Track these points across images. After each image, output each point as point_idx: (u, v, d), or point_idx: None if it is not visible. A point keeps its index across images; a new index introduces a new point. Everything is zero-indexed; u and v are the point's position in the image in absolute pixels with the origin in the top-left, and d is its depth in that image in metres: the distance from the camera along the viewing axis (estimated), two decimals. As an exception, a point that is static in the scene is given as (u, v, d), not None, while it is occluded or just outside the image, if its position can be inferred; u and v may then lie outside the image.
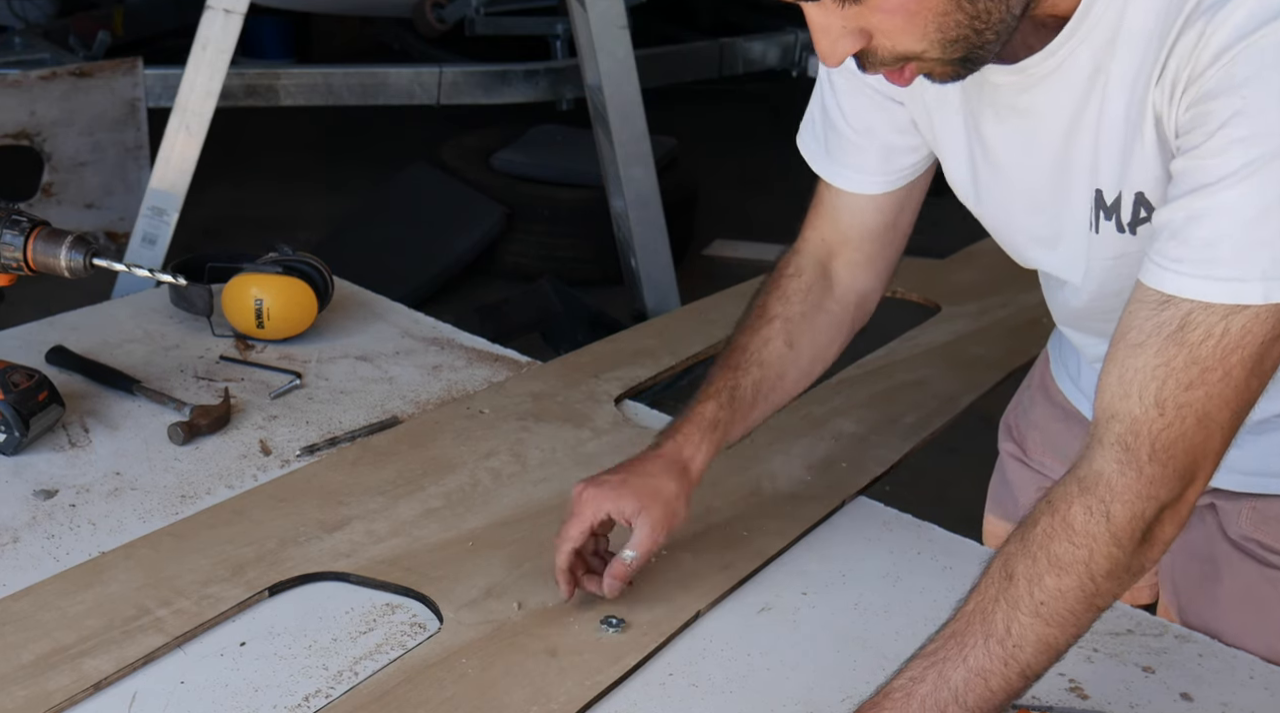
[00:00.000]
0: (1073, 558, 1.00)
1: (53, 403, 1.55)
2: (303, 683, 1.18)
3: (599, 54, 3.57)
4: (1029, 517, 1.04)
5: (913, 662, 1.05)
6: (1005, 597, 1.02)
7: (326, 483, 1.49)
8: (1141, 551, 1.01)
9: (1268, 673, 1.24)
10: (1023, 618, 1.01)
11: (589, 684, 1.18)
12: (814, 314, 1.37)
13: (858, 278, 1.38)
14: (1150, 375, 0.98)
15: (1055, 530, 1.01)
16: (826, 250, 1.38)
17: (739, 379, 1.34)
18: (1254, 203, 0.94)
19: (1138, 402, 0.98)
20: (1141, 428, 0.99)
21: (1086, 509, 1.00)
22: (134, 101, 3.87)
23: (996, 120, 1.16)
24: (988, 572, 1.05)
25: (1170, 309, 0.97)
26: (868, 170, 1.32)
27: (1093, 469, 1.01)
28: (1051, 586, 1.01)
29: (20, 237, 1.43)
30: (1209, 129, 0.95)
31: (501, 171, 4.37)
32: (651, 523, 1.26)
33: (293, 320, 1.82)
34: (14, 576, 1.30)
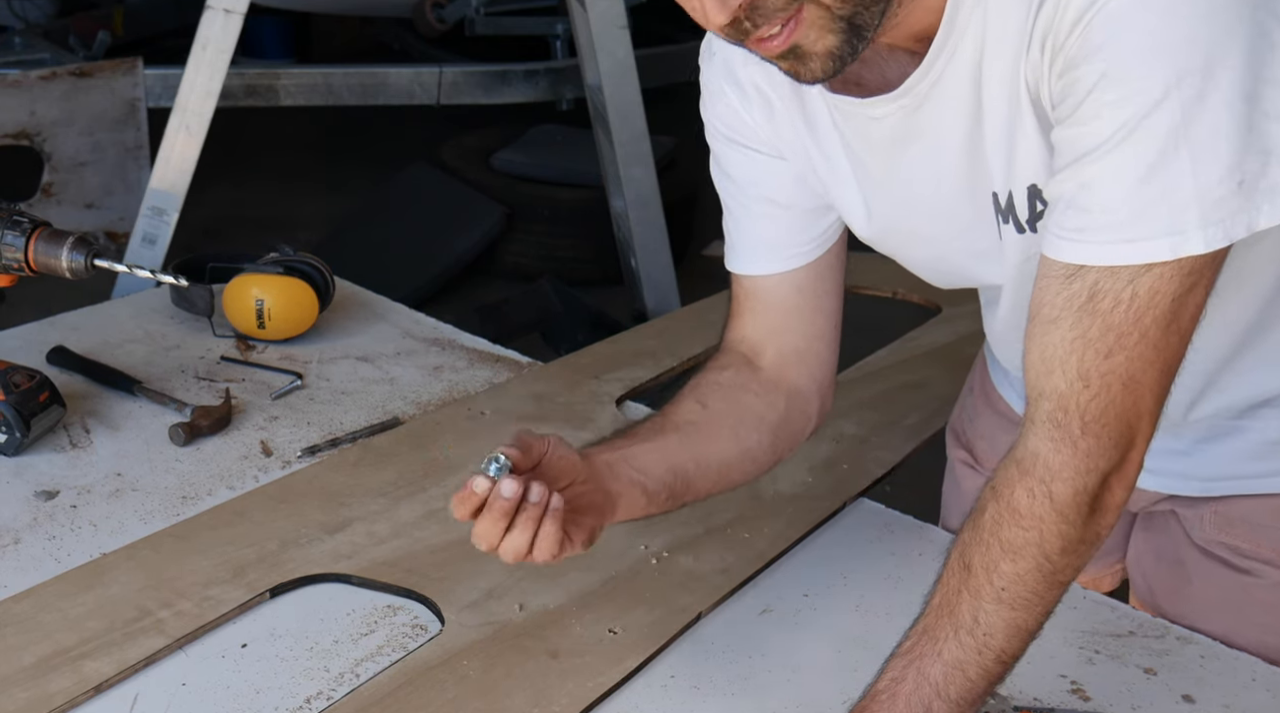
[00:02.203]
0: (1024, 541, 1.00)
1: (54, 404, 1.55)
2: (304, 685, 1.18)
3: (599, 54, 3.57)
4: (976, 505, 1.04)
5: (891, 661, 1.05)
6: (966, 588, 1.02)
7: (328, 484, 1.49)
8: (1093, 520, 1.01)
9: (1269, 675, 1.24)
10: (987, 606, 1.01)
11: (590, 686, 1.18)
12: (732, 387, 1.27)
13: (787, 375, 1.29)
14: (1069, 349, 0.97)
15: (1002, 516, 1.01)
16: (750, 348, 1.30)
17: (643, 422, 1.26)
18: (1139, 162, 0.92)
19: (1061, 377, 0.98)
20: (1069, 403, 0.98)
21: (1029, 491, 1.00)
22: (134, 101, 3.87)
23: (889, 157, 1.12)
24: (947, 564, 1.05)
25: (1078, 281, 0.96)
26: (776, 244, 1.26)
27: (1028, 450, 1.01)
28: (1009, 571, 1.01)
29: (21, 237, 1.43)
30: (1079, 96, 0.94)
31: (501, 171, 4.37)
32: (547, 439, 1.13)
33: (293, 321, 1.82)
34: (15, 577, 1.30)
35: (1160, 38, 0.90)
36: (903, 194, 1.15)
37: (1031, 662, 1.23)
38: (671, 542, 1.40)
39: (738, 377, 1.28)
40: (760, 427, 1.28)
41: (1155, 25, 0.91)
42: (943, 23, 1.02)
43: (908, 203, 1.16)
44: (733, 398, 1.27)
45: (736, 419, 1.27)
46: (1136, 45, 0.91)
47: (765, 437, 1.28)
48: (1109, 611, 1.33)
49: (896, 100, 1.08)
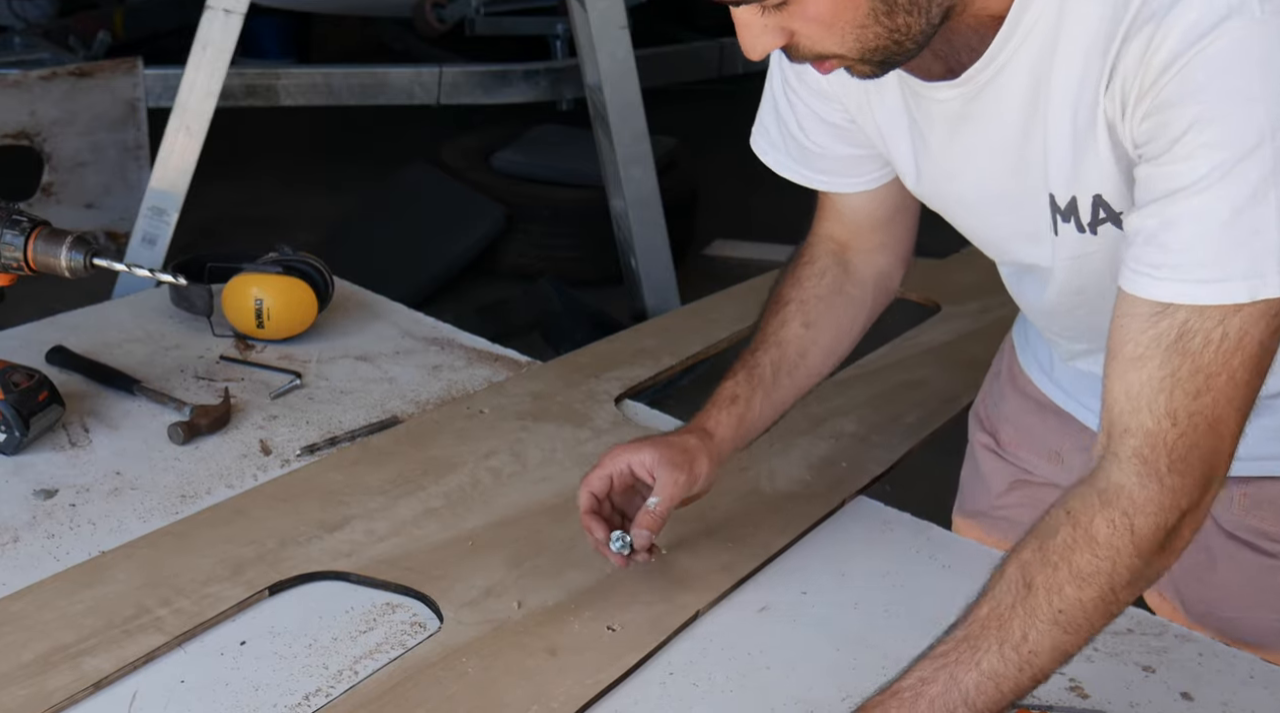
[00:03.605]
0: (1095, 569, 1.01)
1: (53, 403, 1.55)
2: (303, 682, 1.18)
3: (599, 54, 3.57)
4: (1045, 525, 1.04)
5: (921, 662, 1.05)
6: (1023, 605, 1.02)
7: (327, 483, 1.49)
8: (1161, 557, 1.03)
9: (1268, 672, 1.24)
10: (1040, 626, 1.02)
11: (589, 683, 1.18)
12: (831, 297, 1.39)
13: (874, 261, 1.41)
14: (1158, 388, 0.98)
15: (1078, 543, 1.02)
16: (837, 243, 1.40)
17: (757, 358, 1.37)
18: (1226, 205, 0.94)
19: (1149, 415, 0.99)
20: (1157, 441, 0.99)
21: (1109, 522, 1.01)
22: (134, 101, 3.88)
23: (949, 136, 1.16)
24: (1003, 577, 1.04)
25: (1166, 319, 0.98)
26: (848, 174, 1.34)
27: (1112, 482, 1.02)
28: (1072, 596, 1.01)
29: (21, 237, 1.43)
30: (1171, 136, 0.96)
31: (501, 172, 4.38)
32: (671, 471, 1.28)
33: (293, 320, 1.82)
34: (14, 575, 1.30)
35: (1258, 86, 0.93)
36: (953, 168, 1.19)
37: (1030, 659, 1.23)
38: (670, 539, 1.40)
39: (834, 281, 1.39)
40: (855, 324, 1.41)
41: (1254, 73, 0.93)
42: (1009, 17, 1.04)
43: (956, 177, 1.20)
44: (833, 308, 1.39)
45: (836, 330, 1.40)
46: (1235, 91, 0.94)
47: (858, 329, 1.42)
48: (1108, 609, 1.33)
49: (958, 87, 1.11)
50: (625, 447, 1.31)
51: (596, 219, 3.97)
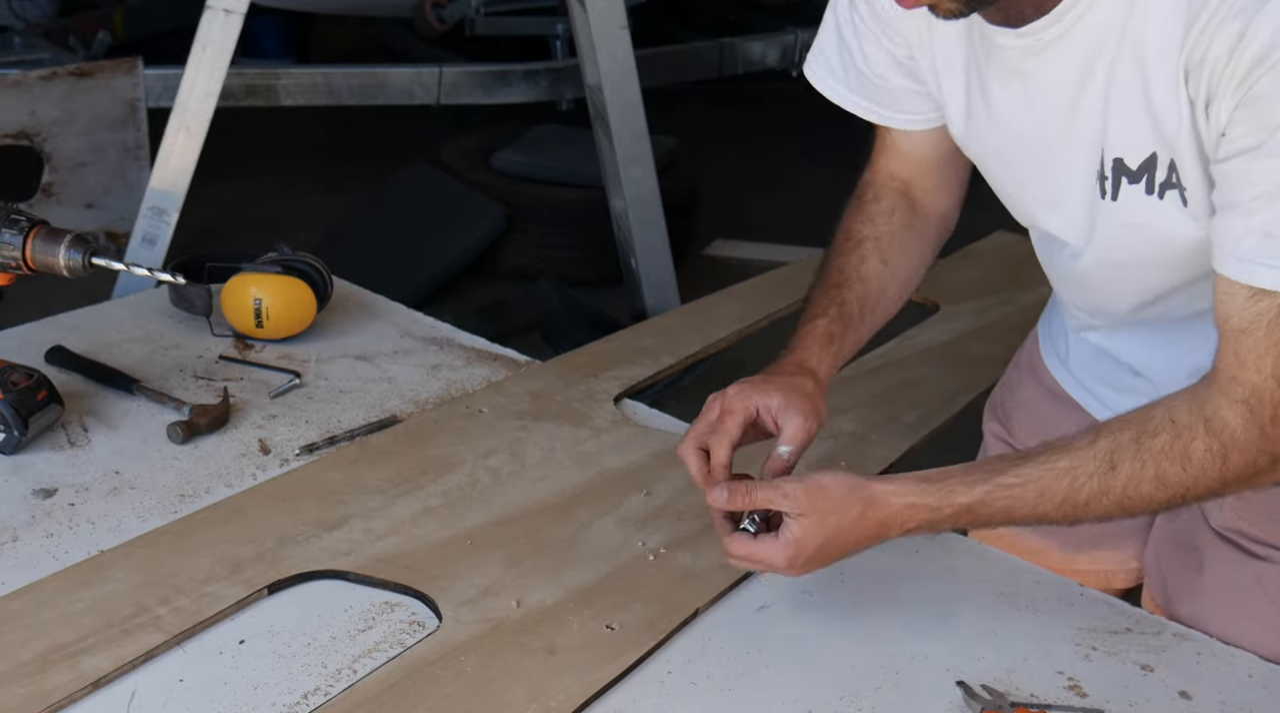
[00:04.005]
0: (1177, 480, 1.11)
1: (52, 402, 1.55)
2: (302, 681, 1.18)
3: (599, 54, 3.57)
4: (1148, 421, 1.13)
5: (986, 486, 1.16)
6: (1101, 480, 1.13)
7: (325, 482, 1.49)
8: (1239, 487, 1.13)
9: (1266, 671, 1.24)
10: (1106, 502, 1.13)
11: (588, 682, 1.18)
12: (902, 233, 1.43)
13: (934, 200, 1.45)
14: (1264, 352, 1.07)
15: (1173, 453, 1.11)
16: (900, 181, 1.44)
17: (844, 295, 1.40)
18: None
19: (1256, 373, 1.08)
20: (1264, 395, 1.08)
21: (1208, 448, 1.10)
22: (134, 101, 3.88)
23: (1002, 84, 1.20)
24: (1092, 447, 1.14)
25: (1265, 300, 1.06)
26: (904, 109, 1.37)
27: (1220, 416, 1.10)
28: (1147, 492, 1.12)
29: (19, 236, 1.43)
30: (1267, 128, 1.01)
31: (501, 172, 4.38)
32: (800, 418, 1.28)
33: (292, 320, 1.82)
34: (13, 574, 1.30)
35: None
36: (1000, 119, 1.23)
37: (1028, 658, 1.24)
38: (669, 538, 1.40)
39: (904, 218, 1.44)
40: (923, 261, 1.46)
41: None
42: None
43: (1000, 130, 1.24)
44: (906, 245, 1.43)
45: (909, 266, 1.44)
46: None
47: (924, 266, 1.47)
48: (1106, 607, 1.33)
49: (1020, 38, 1.15)
50: (749, 391, 1.28)
51: (596, 219, 3.97)
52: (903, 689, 1.20)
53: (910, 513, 1.18)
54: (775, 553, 1.18)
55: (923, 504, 1.18)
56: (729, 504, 1.21)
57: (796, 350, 1.36)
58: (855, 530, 1.19)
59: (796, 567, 1.19)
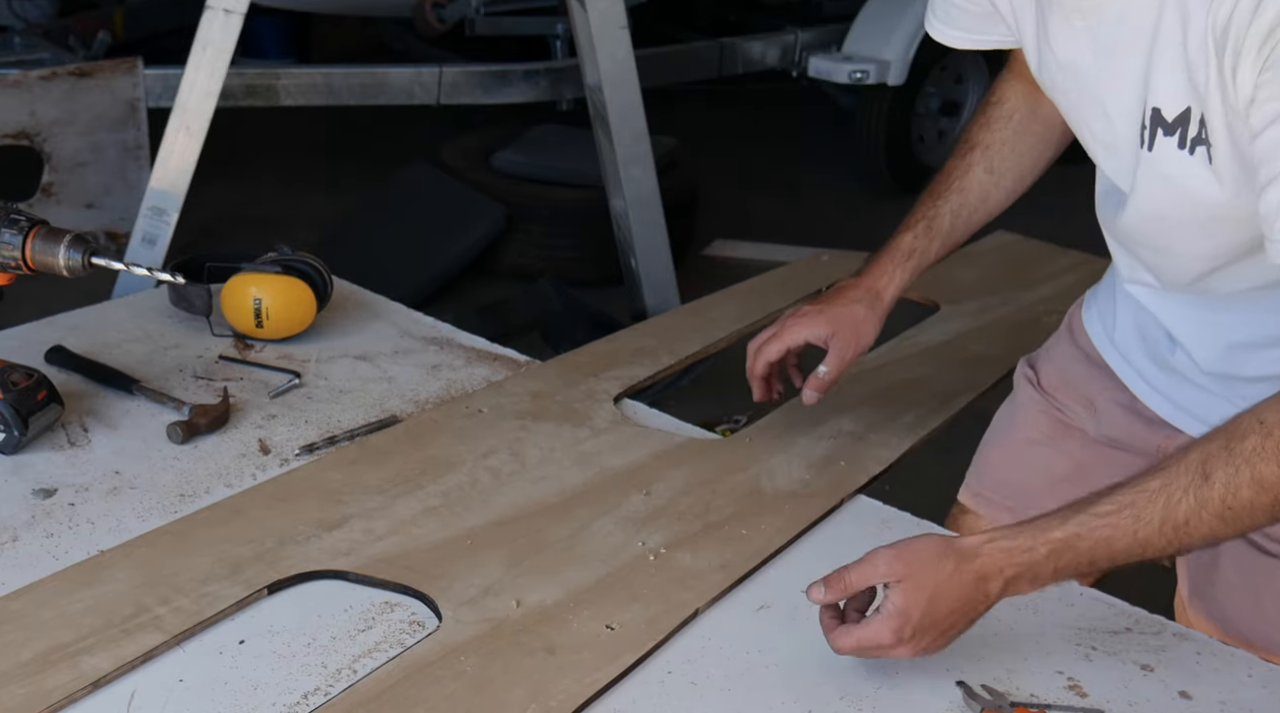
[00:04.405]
0: (1275, 481, 1.07)
1: (52, 402, 1.55)
2: (301, 681, 1.18)
3: (599, 54, 3.57)
4: (1235, 427, 1.10)
5: (1079, 515, 1.12)
6: (1196, 493, 1.09)
7: (325, 482, 1.49)
8: None
9: (1266, 671, 1.25)
10: (1206, 516, 1.09)
11: (587, 682, 1.18)
12: (1015, 139, 1.48)
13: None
14: None
15: (1266, 453, 1.07)
16: (1027, 81, 1.45)
17: (938, 208, 1.50)
18: None
19: None
20: None
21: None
22: (134, 101, 3.87)
23: (1062, 21, 1.22)
24: (1184, 460, 1.11)
25: None
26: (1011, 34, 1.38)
27: None
28: (1246, 498, 1.08)
29: (19, 235, 1.43)
30: None
31: (501, 172, 4.37)
32: (841, 345, 1.51)
33: (292, 320, 1.82)
34: (13, 574, 1.30)
35: None
36: (1063, 56, 1.25)
37: (1028, 659, 1.24)
38: (669, 538, 1.40)
39: (1021, 122, 1.49)
40: (1039, 162, 1.51)
41: None
42: None
43: (1064, 66, 1.25)
44: (1017, 150, 1.49)
45: (1019, 171, 1.50)
46: None
47: (1041, 167, 1.51)
48: (1106, 608, 1.33)
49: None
50: (802, 321, 1.53)
51: (596, 219, 3.97)
52: (903, 689, 1.20)
53: (1005, 557, 1.14)
54: (882, 629, 1.14)
55: (1016, 546, 1.14)
56: (827, 598, 1.18)
57: (873, 267, 1.53)
58: (956, 587, 1.14)
59: (906, 640, 1.14)
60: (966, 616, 1.16)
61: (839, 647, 1.17)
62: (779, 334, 1.54)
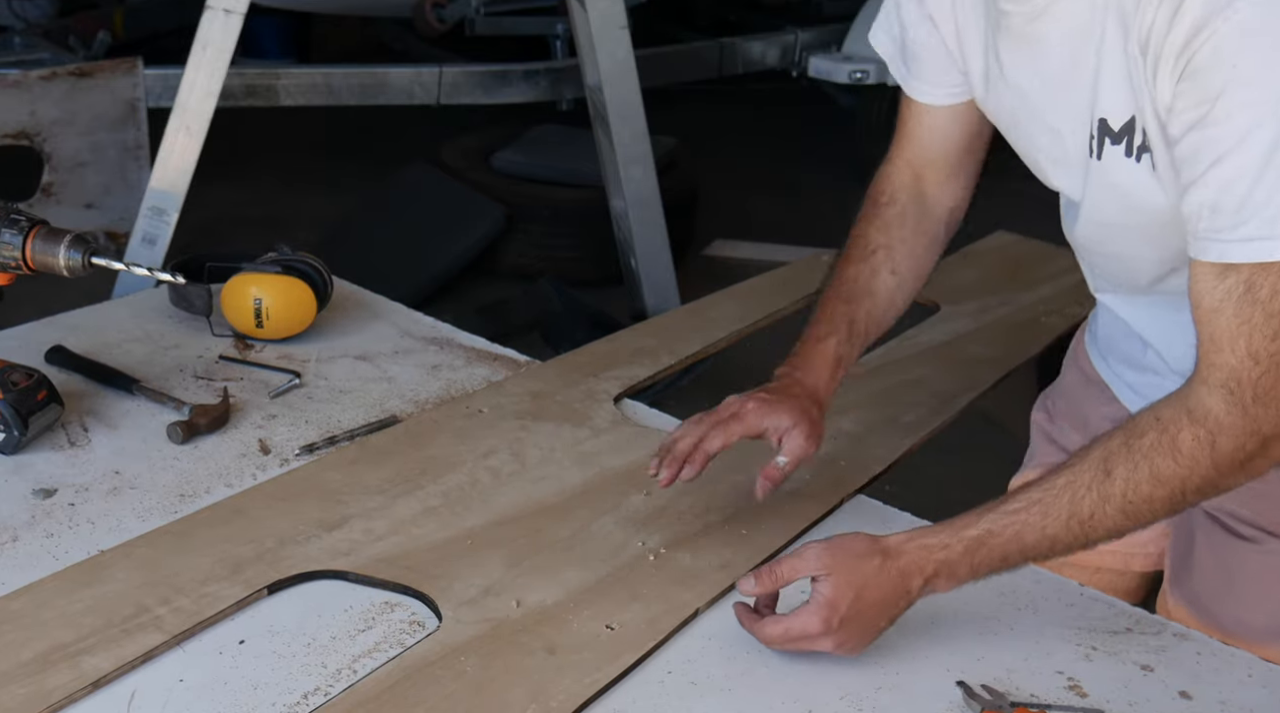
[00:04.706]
0: (1172, 474, 1.12)
1: (52, 402, 1.55)
2: (301, 681, 1.18)
3: (599, 54, 3.57)
4: (1134, 425, 1.15)
5: (991, 514, 1.18)
6: (1099, 489, 1.14)
7: (325, 482, 1.49)
8: (1236, 475, 1.13)
9: (1266, 671, 1.25)
10: (1109, 510, 1.14)
11: (587, 682, 1.18)
12: (913, 239, 1.48)
13: (946, 193, 1.48)
14: (1236, 333, 1.08)
15: (1162, 448, 1.12)
16: (914, 172, 1.47)
17: (854, 312, 1.46)
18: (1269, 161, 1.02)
19: (1231, 354, 1.09)
20: (1242, 376, 1.09)
21: (1195, 437, 1.11)
22: (134, 101, 3.88)
23: (1011, 47, 1.24)
24: (1085, 459, 1.16)
25: (1232, 276, 1.07)
26: (934, 81, 1.40)
27: (1201, 404, 1.12)
28: (1146, 492, 1.13)
29: (19, 235, 1.43)
30: (1208, 98, 1.03)
31: (501, 172, 4.37)
32: (804, 436, 1.38)
33: (292, 320, 1.82)
34: (13, 574, 1.30)
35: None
36: (1011, 79, 1.26)
37: (1028, 658, 1.24)
38: (669, 538, 1.40)
39: (914, 222, 1.48)
40: (930, 262, 1.50)
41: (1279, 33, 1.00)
42: None
43: (1014, 91, 1.27)
44: (914, 251, 1.48)
45: (917, 271, 1.49)
46: (1265, 48, 1.00)
47: (930, 266, 1.51)
48: (1106, 607, 1.33)
49: (1019, 4, 1.19)
50: (765, 409, 1.37)
51: (596, 219, 3.97)
52: (903, 689, 1.20)
53: (924, 554, 1.19)
54: (811, 619, 1.18)
55: (935, 543, 1.19)
56: (758, 589, 1.22)
57: (809, 372, 1.43)
58: (882, 582, 1.18)
59: (834, 630, 1.18)
60: (888, 613, 1.20)
61: (766, 636, 1.21)
62: (737, 418, 1.37)
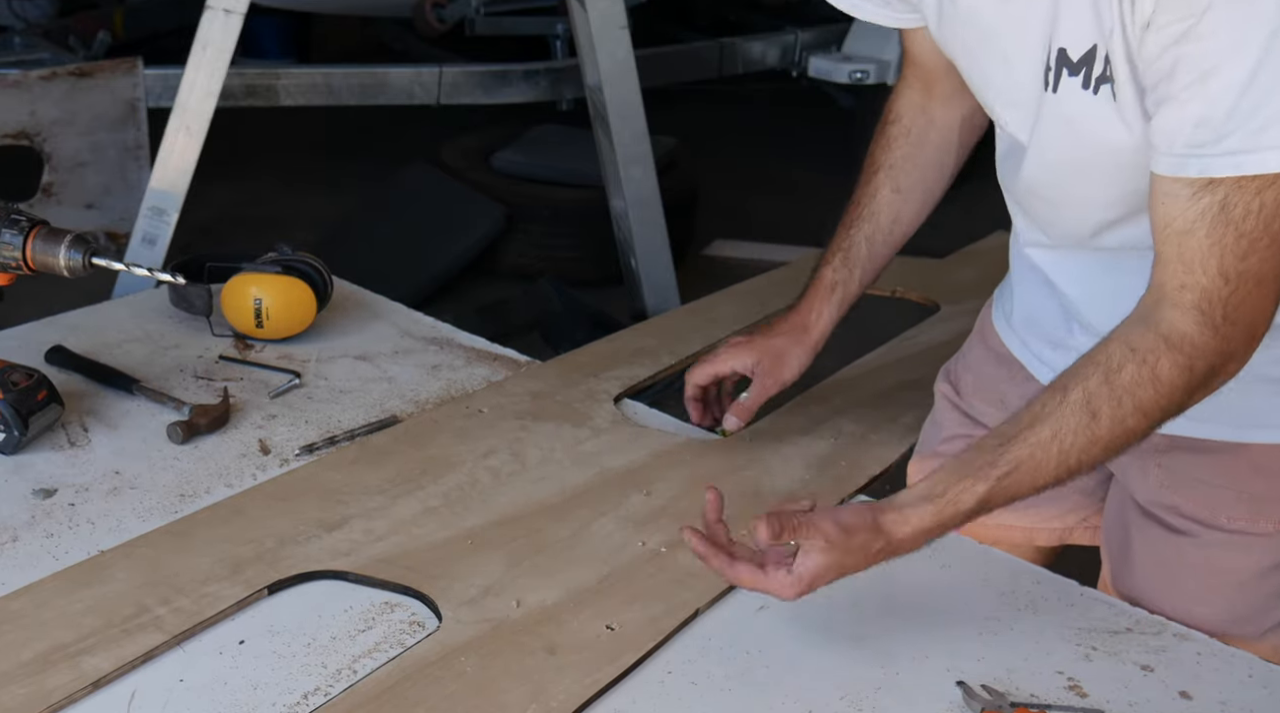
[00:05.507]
0: (1154, 404, 1.12)
1: (52, 402, 1.55)
2: (301, 681, 1.18)
3: (599, 54, 3.57)
4: (1108, 360, 1.13)
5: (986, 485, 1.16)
6: (1087, 433, 1.13)
7: (325, 482, 1.49)
8: (1201, 395, 1.14)
9: (1266, 671, 1.25)
10: (1095, 451, 1.14)
11: (588, 682, 1.18)
12: (917, 153, 1.48)
13: (955, 104, 1.48)
14: (1208, 253, 1.07)
15: (1143, 380, 1.12)
16: (919, 89, 1.48)
17: (851, 237, 1.51)
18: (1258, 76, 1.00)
19: (1203, 275, 1.08)
20: (1213, 296, 1.09)
21: (1174, 363, 1.11)
22: (134, 101, 3.87)
23: None
24: (1066, 402, 1.14)
25: (1208, 195, 1.06)
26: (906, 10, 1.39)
27: (1176, 329, 1.11)
28: (1130, 426, 1.13)
29: (19, 236, 1.43)
30: (1194, 12, 1.01)
31: (501, 172, 4.37)
32: (763, 375, 1.54)
33: (292, 320, 1.82)
34: (13, 574, 1.30)
35: None
36: (964, 9, 1.24)
37: (1028, 658, 1.24)
38: (670, 538, 1.40)
39: (919, 134, 1.49)
40: (944, 172, 1.51)
41: None
42: None
43: (967, 17, 1.24)
44: (919, 164, 1.49)
45: (925, 184, 1.50)
46: None
47: (948, 176, 1.51)
48: (1106, 607, 1.33)
49: None
50: (731, 351, 1.57)
51: (596, 219, 3.97)
52: (903, 689, 1.20)
53: (919, 539, 1.19)
54: (784, 587, 1.17)
55: (932, 525, 1.18)
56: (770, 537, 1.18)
57: (800, 303, 1.55)
58: (868, 561, 1.19)
59: (797, 597, 1.18)
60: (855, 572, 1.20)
61: (735, 576, 1.20)
62: (709, 360, 1.59)
